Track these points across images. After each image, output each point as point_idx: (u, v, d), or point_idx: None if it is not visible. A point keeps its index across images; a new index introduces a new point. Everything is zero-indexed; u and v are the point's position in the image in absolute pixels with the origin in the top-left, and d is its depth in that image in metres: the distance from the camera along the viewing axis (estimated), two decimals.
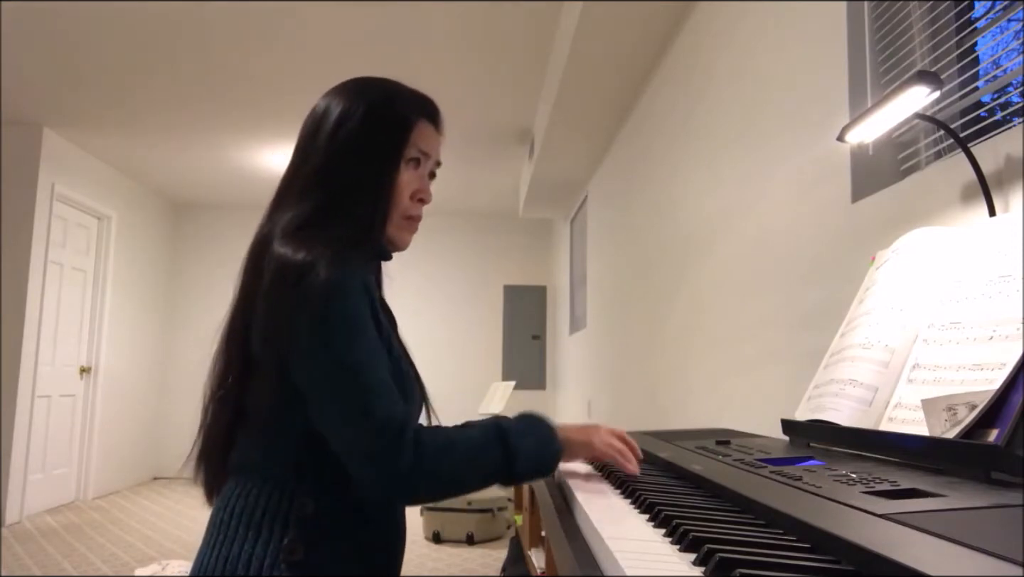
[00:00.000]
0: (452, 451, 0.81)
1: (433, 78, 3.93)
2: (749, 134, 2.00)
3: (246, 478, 0.85)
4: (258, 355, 0.84)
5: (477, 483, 0.83)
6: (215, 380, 0.90)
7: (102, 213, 5.58)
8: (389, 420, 0.78)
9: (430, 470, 0.78)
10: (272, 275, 0.82)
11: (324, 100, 0.95)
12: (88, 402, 5.48)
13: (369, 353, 0.80)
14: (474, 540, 4.19)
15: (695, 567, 0.49)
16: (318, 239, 0.83)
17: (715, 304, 2.25)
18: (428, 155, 0.96)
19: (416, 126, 0.93)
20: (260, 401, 0.84)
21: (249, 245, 0.91)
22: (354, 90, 0.95)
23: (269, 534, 0.80)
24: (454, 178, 5.97)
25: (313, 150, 0.92)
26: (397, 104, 0.94)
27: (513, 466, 0.82)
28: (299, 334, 0.79)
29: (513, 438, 0.83)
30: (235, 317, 0.89)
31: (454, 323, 7.12)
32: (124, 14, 3.28)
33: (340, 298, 0.80)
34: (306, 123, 0.95)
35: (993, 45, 1.27)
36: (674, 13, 2.72)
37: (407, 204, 0.94)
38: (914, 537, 0.47)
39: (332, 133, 0.91)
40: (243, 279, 0.89)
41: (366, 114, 0.91)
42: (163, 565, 3.57)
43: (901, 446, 0.80)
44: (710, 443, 1.08)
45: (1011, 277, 0.77)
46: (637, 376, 3.38)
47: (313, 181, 0.90)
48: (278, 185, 0.95)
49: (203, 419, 0.91)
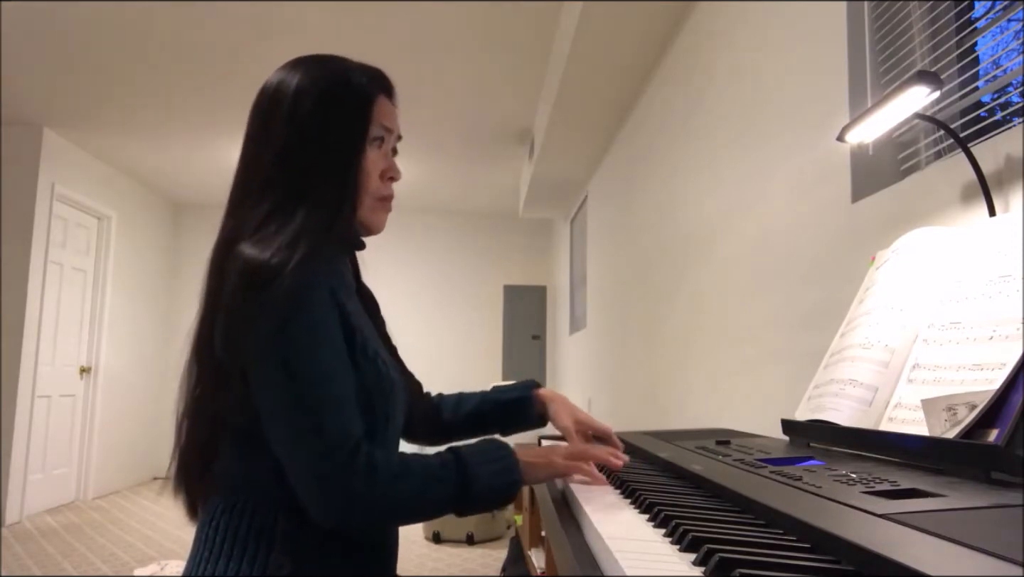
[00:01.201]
0: (406, 477, 0.76)
1: (433, 78, 3.93)
2: (749, 134, 2.00)
3: (230, 492, 0.82)
4: (224, 365, 0.80)
5: (431, 511, 0.79)
6: (187, 394, 0.86)
7: (102, 213, 5.58)
8: (341, 440, 0.74)
9: (381, 496, 0.74)
10: (236, 278, 0.77)
11: (275, 79, 0.89)
12: (88, 402, 5.48)
13: (328, 366, 0.76)
14: (474, 540, 4.19)
15: (695, 567, 0.49)
16: (284, 234, 0.79)
17: (715, 304, 2.25)
18: (391, 131, 0.91)
19: (376, 102, 0.89)
20: (235, 414, 0.80)
21: (212, 247, 0.85)
22: (306, 68, 0.88)
23: (255, 550, 0.78)
24: (454, 178, 5.97)
25: (269, 136, 0.86)
26: (354, 80, 0.88)
27: (469, 492, 0.78)
28: (257, 344, 0.75)
29: (471, 466, 0.79)
30: (202, 325, 0.84)
31: (454, 323, 7.12)
32: (124, 14, 3.28)
33: (303, 307, 0.76)
34: (257, 105, 0.89)
35: (993, 45, 1.27)
36: (674, 13, 2.72)
37: (378, 185, 0.90)
38: (914, 537, 0.47)
39: (288, 116, 0.85)
40: (208, 284, 0.84)
41: (323, 93, 0.86)
42: (162, 565, 3.57)
43: (901, 446, 0.80)
44: (710, 443, 1.08)
45: (1011, 277, 0.77)
46: (637, 376, 3.38)
47: (274, 170, 0.85)
48: (234, 178, 0.89)
49: (177, 436, 0.86)
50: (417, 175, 5.84)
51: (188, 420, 0.85)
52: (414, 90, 4.07)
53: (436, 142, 5.05)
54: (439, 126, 4.72)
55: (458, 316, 7.15)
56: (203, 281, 0.85)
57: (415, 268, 7.13)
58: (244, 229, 0.82)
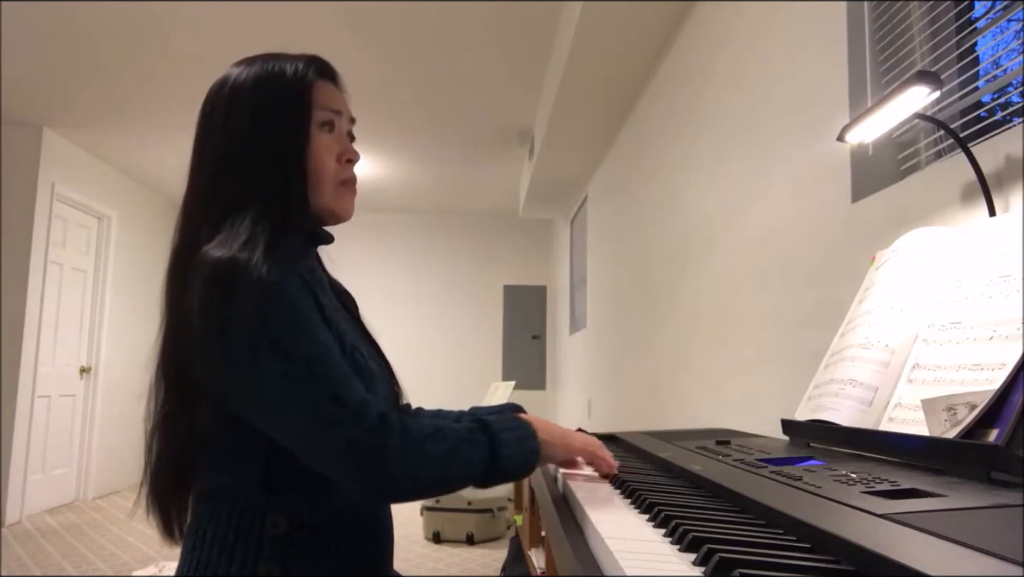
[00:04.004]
0: (439, 439, 0.74)
1: (433, 78, 3.93)
2: (749, 134, 2.00)
3: (215, 503, 0.81)
4: (199, 376, 0.77)
5: (462, 475, 0.77)
6: (155, 411, 0.83)
7: (102, 213, 5.58)
8: (365, 405, 0.72)
9: (419, 456, 0.72)
10: (205, 282, 0.75)
11: (216, 83, 0.89)
12: (88, 402, 5.48)
13: (321, 345, 0.75)
14: (474, 540, 4.19)
15: (695, 567, 0.49)
16: (242, 230, 0.78)
17: (715, 304, 2.25)
18: (339, 112, 0.90)
19: (315, 85, 0.88)
20: (210, 425, 0.79)
21: (169, 257, 0.84)
22: (244, 66, 0.89)
23: (244, 557, 0.77)
24: (454, 178, 5.97)
25: (211, 133, 0.87)
26: (288, 69, 0.87)
27: (497, 456, 0.77)
28: (241, 341, 0.73)
29: (497, 432, 0.79)
30: (166, 340, 0.82)
31: (454, 323, 7.12)
32: (124, 14, 3.28)
33: (280, 295, 0.74)
34: (201, 111, 0.89)
35: (993, 45, 1.27)
36: (674, 13, 2.72)
37: (335, 169, 0.88)
38: (914, 537, 0.47)
39: (226, 112, 0.85)
40: (167, 297, 0.82)
41: (257, 85, 0.86)
42: (161, 567, 3.57)
43: (901, 446, 0.80)
44: (710, 443, 1.08)
45: (1011, 277, 0.77)
46: (637, 376, 3.38)
47: (222, 172, 0.84)
48: (187, 185, 0.88)
49: (147, 454, 0.84)
50: (417, 175, 5.84)
51: (159, 437, 0.83)
52: (414, 90, 4.07)
53: (436, 142, 5.05)
54: (439, 126, 4.72)
55: (458, 316, 7.15)
56: (161, 295, 0.83)
57: (415, 268, 7.13)
58: (201, 235, 0.80)
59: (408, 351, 6.21)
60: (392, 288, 6.93)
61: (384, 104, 4.27)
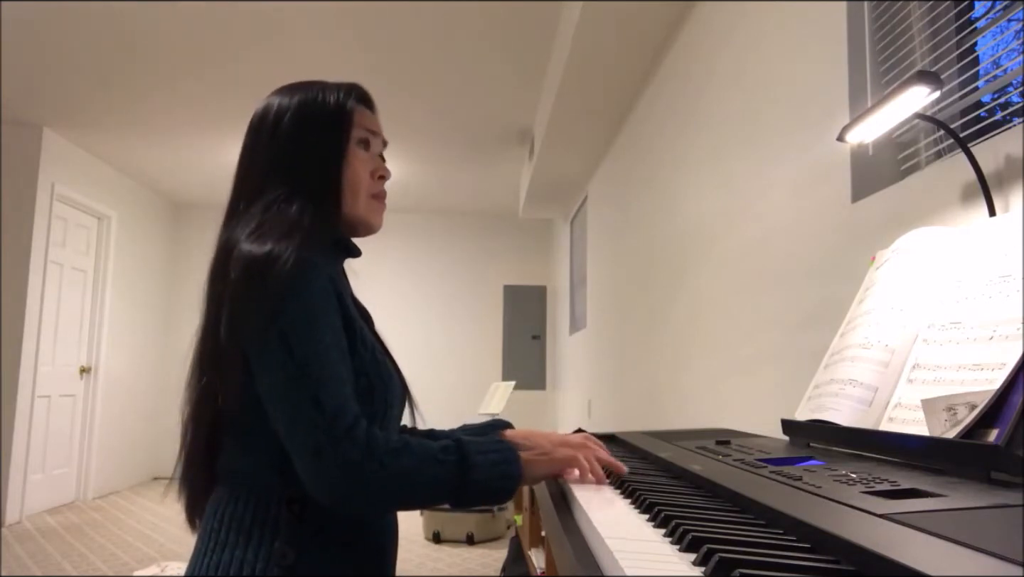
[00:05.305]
0: (405, 454, 0.76)
1: (433, 78, 3.93)
2: (749, 134, 2.00)
3: (234, 485, 0.84)
4: (227, 354, 0.81)
5: (428, 493, 0.78)
6: (192, 398, 0.88)
7: (102, 213, 5.58)
8: (339, 413, 0.75)
9: (379, 470, 0.74)
10: (238, 273, 0.80)
11: (263, 103, 0.97)
12: (88, 402, 5.48)
13: (326, 346, 0.78)
14: (474, 540, 4.19)
15: (695, 567, 0.49)
16: (278, 228, 0.82)
17: (715, 304, 2.25)
18: (375, 133, 0.98)
19: (355, 110, 0.96)
20: (232, 403, 0.82)
21: (212, 257, 0.88)
22: (289, 90, 0.97)
23: (260, 539, 0.80)
24: (454, 178, 5.97)
25: (258, 151, 0.94)
26: (328, 91, 0.95)
27: (466, 479, 0.78)
28: (257, 326, 0.78)
29: (471, 454, 0.79)
30: (206, 330, 0.86)
31: (454, 323, 7.12)
32: (124, 14, 3.28)
33: (303, 290, 0.79)
34: (249, 125, 0.97)
35: (993, 45, 1.27)
36: (674, 13, 2.72)
37: (369, 183, 0.96)
38: (914, 537, 0.47)
39: (272, 130, 0.93)
40: (210, 290, 0.87)
41: (300, 105, 0.94)
42: (162, 567, 3.57)
43: (901, 446, 0.80)
44: (710, 443, 1.08)
45: (1011, 277, 0.77)
46: (637, 376, 3.38)
47: (264, 179, 0.91)
48: (231, 191, 0.95)
49: (183, 438, 0.89)
50: (417, 175, 5.84)
51: (193, 421, 0.88)
52: (414, 90, 4.07)
53: (436, 142, 5.06)
54: (439, 126, 4.72)
55: (458, 316, 7.15)
56: (204, 288, 0.88)
57: (415, 268, 7.13)
58: (240, 233, 0.85)
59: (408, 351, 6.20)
60: (392, 288, 6.93)
61: (384, 104, 4.21)
